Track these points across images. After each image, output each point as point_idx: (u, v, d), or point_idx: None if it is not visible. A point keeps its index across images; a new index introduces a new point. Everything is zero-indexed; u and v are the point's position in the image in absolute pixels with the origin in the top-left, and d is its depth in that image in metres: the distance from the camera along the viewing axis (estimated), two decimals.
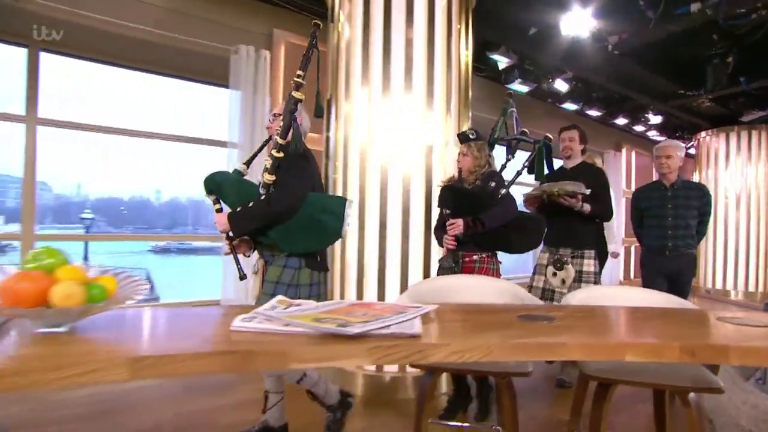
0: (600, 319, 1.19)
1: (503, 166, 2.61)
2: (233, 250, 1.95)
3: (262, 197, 1.84)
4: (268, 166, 1.88)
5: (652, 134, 8.37)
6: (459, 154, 2.49)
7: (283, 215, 1.80)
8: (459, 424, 2.11)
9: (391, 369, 2.71)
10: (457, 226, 2.25)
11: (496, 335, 0.92)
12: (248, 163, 2.10)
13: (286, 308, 1.05)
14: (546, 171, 2.79)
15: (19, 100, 3.50)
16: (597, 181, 2.87)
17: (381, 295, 2.72)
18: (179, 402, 1.88)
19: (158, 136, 4.02)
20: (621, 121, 7.47)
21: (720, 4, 3.83)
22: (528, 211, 2.90)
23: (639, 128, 7.98)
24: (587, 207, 2.75)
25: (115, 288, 0.95)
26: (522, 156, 2.79)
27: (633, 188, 8.80)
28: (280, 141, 1.88)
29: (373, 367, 2.73)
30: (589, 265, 2.79)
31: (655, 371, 1.34)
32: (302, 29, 4.17)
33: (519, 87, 5.44)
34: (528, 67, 5.29)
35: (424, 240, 2.80)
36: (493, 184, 2.34)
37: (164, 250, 28.38)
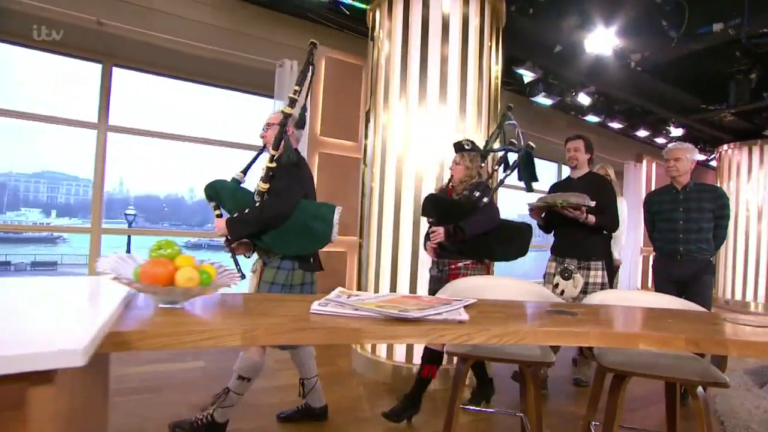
0: (617, 315, 1.32)
1: (501, 181, 2.64)
2: (232, 252, 2.03)
3: (257, 204, 1.93)
4: (263, 174, 1.96)
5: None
6: (453, 162, 2.51)
7: (276, 221, 1.89)
8: (485, 409, 2.25)
9: (418, 362, 2.87)
10: (438, 233, 2.28)
11: (528, 324, 1.06)
12: (245, 171, 2.14)
13: (348, 297, 1.22)
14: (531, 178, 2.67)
15: (92, 109, 3.82)
16: (603, 191, 2.78)
17: (413, 290, 2.88)
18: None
19: (206, 141, 4.29)
20: (642, 133, 7.44)
21: (742, 25, 3.85)
22: (516, 220, 2.85)
23: (660, 140, 7.91)
24: (592, 218, 2.65)
25: (215, 275, 1.14)
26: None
27: None
28: (273, 152, 1.96)
29: (402, 359, 2.89)
30: (596, 276, 2.68)
31: (666, 366, 1.45)
32: (341, 44, 4.39)
33: (543, 100, 5.53)
34: (552, 81, 5.37)
35: None
36: (477, 193, 2.34)
37: (196, 246, 29.39)
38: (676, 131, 7.52)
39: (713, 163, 8.96)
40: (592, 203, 2.54)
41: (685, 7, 4.05)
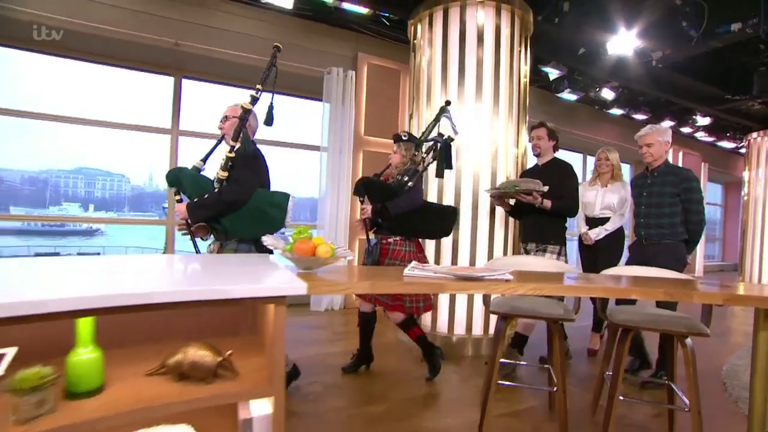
0: (615, 279, 1.76)
1: (425, 167, 2.77)
2: (191, 234, 2.17)
3: (216, 190, 2.08)
4: (222, 163, 2.11)
5: (700, 135, 8.40)
6: (392, 150, 2.79)
7: (234, 206, 2.03)
8: (519, 362, 2.75)
9: (459, 333, 3.37)
10: (365, 210, 2.58)
11: (553, 282, 1.53)
12: (204, 160, 2.28)
13: (423, 267, 1.71)
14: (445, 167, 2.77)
15: (166, 116, 4.42)
16: (563, 177, 2.85)
17: (454, 252, 3.40)
18: (299, 349, 2.57)
19: (262, 141, 4.84)
20: (667, 123, 7.59)
21: (759, 23, 4.10)
22: (443, 204, 3.01)
23: (686, 129, 8.05)
24: (547, 203, 2.73)
25: (334, 250, 1.64)
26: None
27: None
28: (232, 143, 2.12)
29: (445, 330, 3.40)
30: (552, 259, 2.76)
31: (663, 322, 1.89)
32: (381, 51, 4.85)
33: (568, 96, 5.86)
34: (577, 77, 5.69)
35: (489, 225, 3.40)
36: (406, 178, 2.57)
37: None
38: (703, 120, 7.67)
39: (743, 151, 9.02)
40: (545, 188, 2.64)
41: (704, 7, 4.33)
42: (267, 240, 1.54)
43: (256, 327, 1.49)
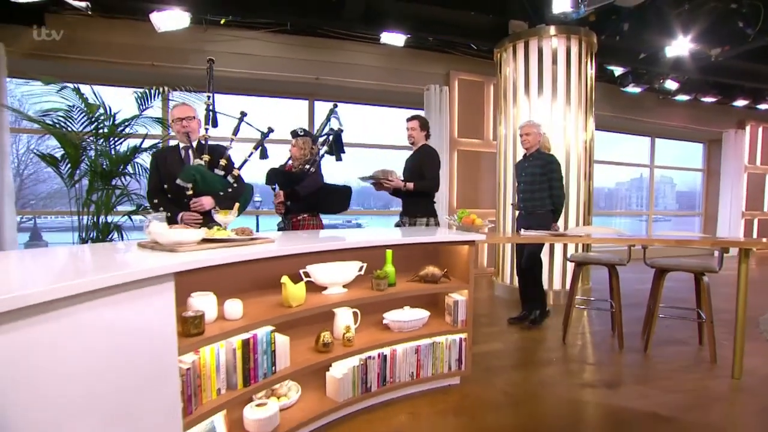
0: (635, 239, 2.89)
1: (322, 155, 3.27)
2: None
3: (235, 186, 2.63)
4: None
5: None
6: (291, 145, 3.23)
7: (245, 198, 2.67)
8: (589, 298, 3.92)
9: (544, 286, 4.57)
10: (279, 195, 3.13)
11: (602, 235, 2.72)
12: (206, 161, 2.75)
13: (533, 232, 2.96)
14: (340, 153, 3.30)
15: None
16: (427, 160, 3.35)
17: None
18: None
19: (373, 146, 6.24)
20: (741, 102, 7.74)
21: None
22: (340, 184, 3.36)
23: (763, 106, 8.15)
24: (410, 185, 3.29)
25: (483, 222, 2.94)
26: None
27: (758, 163, 9.10)
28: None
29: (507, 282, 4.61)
30: (422, 227, 3.34)
31: (687, 264, 2.97)
32: (469, 68, 6.03)
33: (632, 89, 6.65)
34: (641, 71, 6.44)
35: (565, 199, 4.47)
36: (308, 166, 3.11)
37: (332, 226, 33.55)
38: None
39: None
40: (396, 176, 3.30)
41: (761, 8, 5.00)
42: (446, 218, 2.87)
43: (453, 260, 2.74)
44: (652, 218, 9.26)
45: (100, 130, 4.18)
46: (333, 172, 3.55)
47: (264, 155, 3.05)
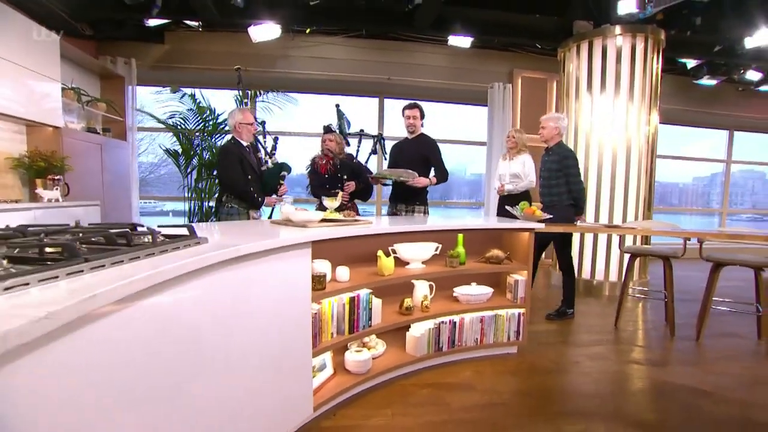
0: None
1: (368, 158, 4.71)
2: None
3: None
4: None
5: None
6: (327, 139, 3.67)
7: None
8: (643, 288, 4.11)
9: (599, 278, 4.79)
10: (350, 186, 3.58)
11: (657, 228, 2.96)
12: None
13: (591, 223, 3.27)
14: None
15: (374, 126, 6.48)
16: (434, 148, 3.52)
17: (596, 220, 4.75)
18: None
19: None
20: None
21: None
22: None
23: None
24: (432, 180, 3.48)
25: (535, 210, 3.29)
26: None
27: None
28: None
29: (588, 276, 4.85)
30: (420, 215, 3.58)
31: (744, 259, 3.13)
32: (531, 65, 6.25)
33: (707, 81, 6.48)
34: (717, 62, 6.25)
35: (624, 186, 4.68)
36: (356, 160, 3.73)
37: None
38: None
39: None
40: (413, 176, 3.39)
41: None
42: (509, 209, 3.27)
43: (515, 245, 3.11)
44: (726, 216, 8.88)
45: (207, 128, 4.97)
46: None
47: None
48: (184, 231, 1.39)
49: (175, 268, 1.04)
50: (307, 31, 5.53)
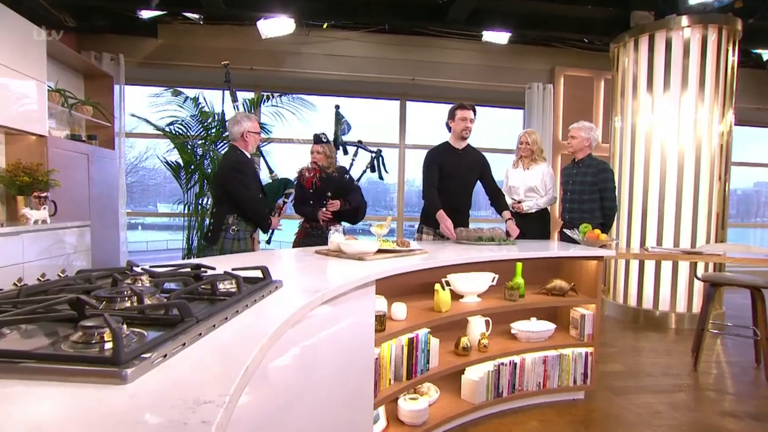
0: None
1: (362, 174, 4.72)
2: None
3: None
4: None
5: None
6: (315, 151, 3.64)
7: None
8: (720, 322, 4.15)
9: (663, 308, 4.83)
10: (334, 204, 3.55)
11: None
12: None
13: (660, 248, 3.33)
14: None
15: (395, 132, 6.58)
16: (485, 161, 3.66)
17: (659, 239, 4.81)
18: None
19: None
20: None
21: None
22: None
23: None
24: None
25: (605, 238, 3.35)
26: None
27: None
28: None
29: (651, 306, 4.89)
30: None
31: (741, 280, 3.19)
32: (576, 62, 6.36)
33: None
34: None
35: (693, 198, 4.72)
36: (347, 176, 3.81)
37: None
38: None
39: None
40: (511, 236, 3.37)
41: None
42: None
43: (579, 274, 3.13)
44: None
45: (210, 135, 5.05)
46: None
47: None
48: (257, 273, 1.44)
49: (274, 321, 1.09)
50: (324, 26, 5.65)
